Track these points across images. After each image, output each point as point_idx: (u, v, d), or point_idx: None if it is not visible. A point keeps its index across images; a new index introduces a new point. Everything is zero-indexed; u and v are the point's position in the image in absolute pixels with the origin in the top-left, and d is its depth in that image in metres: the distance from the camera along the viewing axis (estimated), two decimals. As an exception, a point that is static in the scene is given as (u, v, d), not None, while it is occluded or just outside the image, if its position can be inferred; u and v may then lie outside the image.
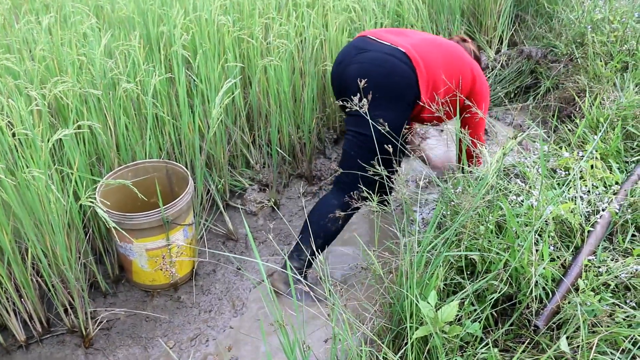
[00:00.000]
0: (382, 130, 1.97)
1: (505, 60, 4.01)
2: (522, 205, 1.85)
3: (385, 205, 1.97)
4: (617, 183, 2.13)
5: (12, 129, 2.10)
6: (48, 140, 2.04)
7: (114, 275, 2.43)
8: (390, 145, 1.88)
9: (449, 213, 1.96)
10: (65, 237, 2.07)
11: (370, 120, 1.95)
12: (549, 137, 3.13)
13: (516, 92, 3.91)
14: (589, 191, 2.00)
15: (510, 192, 1.86)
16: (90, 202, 1.90)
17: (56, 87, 2.25)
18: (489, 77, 3.94)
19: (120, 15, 3.11)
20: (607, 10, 3.57)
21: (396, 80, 2.12)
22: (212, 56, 2.65)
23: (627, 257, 1.76)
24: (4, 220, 1.93)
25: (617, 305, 1.57)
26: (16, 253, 2.01)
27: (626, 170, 2.31)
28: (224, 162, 2.71)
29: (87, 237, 2.27)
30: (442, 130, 3.59)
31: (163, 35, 2.93)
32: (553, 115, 3.47)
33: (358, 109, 1.78)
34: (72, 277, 2.08)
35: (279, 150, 2.92)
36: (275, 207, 2.82)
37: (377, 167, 1.85)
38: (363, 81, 1.93)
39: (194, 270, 2.46)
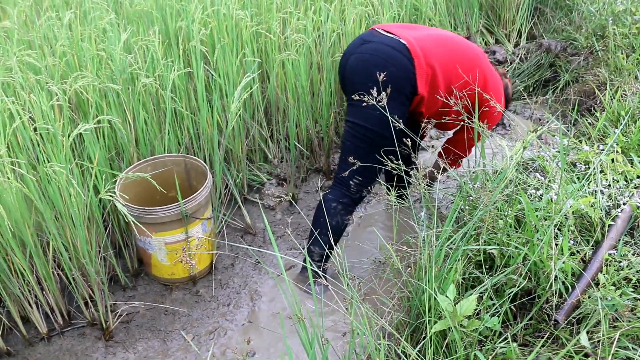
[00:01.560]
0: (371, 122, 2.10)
1: (524, 54, 3.97)
2: (541, 199, 1.84)
3: (404, 199, 1.96)
4: (638, 177, 2.10)
5: (33, 124, 2.13)
6: (69, 136, 2.07)
7: (133, 269, 2.45)
8: (387, 135, 1.94)
9: (467, 207, 1.95)
10: (86, 231, 2.10)
11: (368, 111, 2.03)
12: (568, 130, 3.10)
13: (535, 85, 3.87)
14: (609, 185, 1.98)
15: (529, 186, 1.85)
16: (110, 196, 1.91)
17: (76, 82, 2.28)
18: (508, 71, 3.90)
19: (138, 11, 3.13)
20: (629, 1, 3.52)
21: (392, 71, 2.09)
22: (230, 51, 2.66)
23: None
24: (26, 214, 1.96)
25: (639, 300, 1.55)
26: (38, 246, 2.04)
27: (648, 163, 2.28)
28: (242, 156, 2.73)
29: (107, 230, 2.30)
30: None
31: (181, 30, 2.95)
32: (573, 109, 3.43)
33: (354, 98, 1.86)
34: (92, 271, 2.11)
35: (297, 144, 2.92)
36: (293, 202, 2.83)
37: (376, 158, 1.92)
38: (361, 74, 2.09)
39: (213, 264, 2.48)
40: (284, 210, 2.81)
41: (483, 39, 4.26)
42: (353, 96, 1.99)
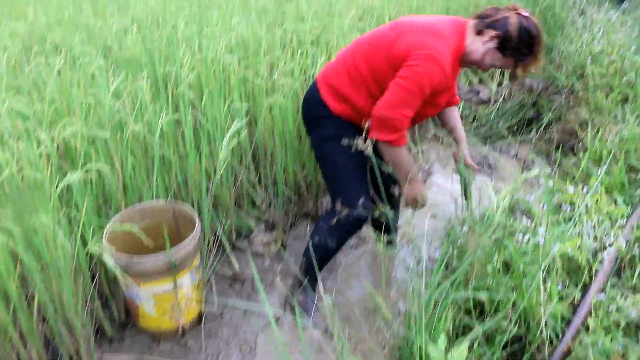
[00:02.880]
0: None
1: (507, 93, 4.04)
2: (528, 242, 1.85)
3: (392, 243, 1.97)
4: (622, 217, 2.13)
5: (21, 173, 2.12)
6: (57, 185, 2.06)
7: (120, 320, 2.42)
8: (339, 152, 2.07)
9: (455, 253, 1.95)
10: (72, 282, 2.07)
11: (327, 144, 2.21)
12: (552, 170, 3.15)
13: (519, 124, 3.93)
14: (594, 226, 2.00)
15: (516, 230, 1.87)
16: (98, 249, 1.90)
17: (65, 130, 2.28)
18: (491, 112, 3.97)
19: (127, 56, 3.16)
20: (605, 42, 3.62)
21: (307, 113, 2.33)
22: (218, 96, 2.69)
23: (637, 293, 1.75)
24: (10, 267, 1.94)
25: (629, 345, 1.56)
26: (22, 300, 2.00)
27: (631, 203, 2.31)
28: (230, 202, 2.73)
29: (94, 281, 2.27)
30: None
31: (169, 75, 2.98)
32: (556, 148, 3.49)
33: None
34: (79, 324, 2.08)
35: (285, 189, 2.93)
36: (282, 248, 2.82)
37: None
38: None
39: (201, 313, 2.45)
40: (272, 256, 2.80)
41: (467, 79, 4.34)
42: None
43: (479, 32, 1.98)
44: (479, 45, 1.98)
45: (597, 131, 2.81)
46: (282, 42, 3.24)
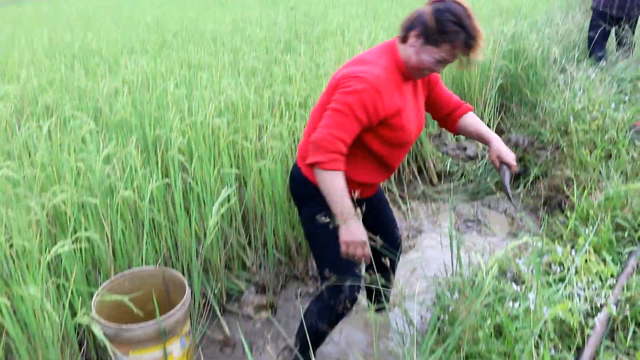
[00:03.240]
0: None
1: (494, 149, 4.10)
2: (519, 306, 1.85)
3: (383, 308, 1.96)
4: (612, 276, 2.14)
5: (9, 240, 2.11)
6: (46, 252, 2.05)
7: (108, 388, 2.37)
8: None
9: (446, 318, 1.95)
10: (59, 353, 2.04)
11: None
12: (541, 226, 3.18)
13: (506, 179, 3.98)
14: (584, 287, 2.01)
15: (507, 294, 1.87)
16: (88, 319, 1.88)
17: (55, 197, 2.29)
18: (479, 167, 4.02)
19: (117, 119, 3.20)
20: (586, 100, 3.71)
21: (293, 191, 2.27)
22: (207, 159, 2.72)
23: (630, 356, 1.75)
24: (-4, 338, 1.91)
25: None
26: (6, 371, 1.97)
27: (620, 261, 2.32)
28: (221, 265, 2.72)
29: (82, 350, 2.23)
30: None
31: (159, 138, 3.01)
32: (544, 204, 3.53)
33: None
34: (66, 396, 2.04)
35: (275, 251, 2.93)
36: (272, 310, 2.80)
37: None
38: None
39: (191, 378, 2.41)
40: (263, 319, 2.77)
41: (454, 135, 4.41)
42: None
43: (404, 39, 1.94)
44: (410, 50, 1.92)
45: (583, 189, 2.85)
46: (270, 105, 3.30)
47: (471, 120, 2.27)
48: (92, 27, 8.42)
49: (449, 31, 1.84)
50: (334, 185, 1.87)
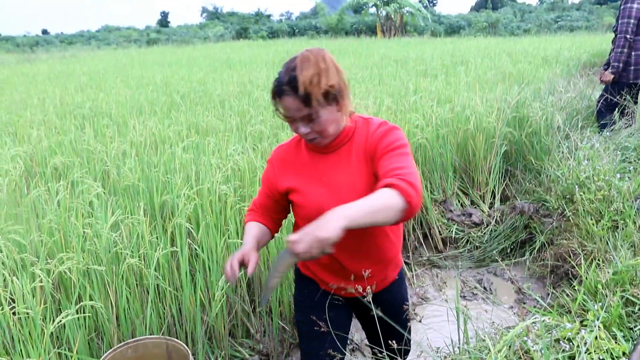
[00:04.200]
0: None
1: (499, 216, 4.11)
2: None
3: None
4: (624, 354, 2.10)
5: (13, 307, 2.10)
6: (50, 319, 2.04)
7: None
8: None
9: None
10: None
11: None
12: (548, 295, 3.14)
13: (512, 247, 3.97)
14: (595, 367, 1.97)
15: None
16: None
17: (62, 264, 2.29)
18: (484, 234, 4.02)
19: (125, 184, 3.24)
20: (590, 169, 3.74)
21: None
22: (214, 227, 2.73)
23: None
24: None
25: None
26: None
27: (631, 338, 2.29)
28: (225, 333, 2.69)
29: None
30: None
31: (166, 204, 3.03)
32: (551, 272, 3.50)
33: None
34: None
35: (279, 319, 2.90)
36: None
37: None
38: None
39: None
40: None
41: (459, 201, 4.43)
42: None
43: None
44: None
45: (591, 262, 2.84)
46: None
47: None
48: (102, 87, 8.61)
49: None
50: (244, 233, 1.95)
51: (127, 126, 4.98)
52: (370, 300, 1.69)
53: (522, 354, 2.03)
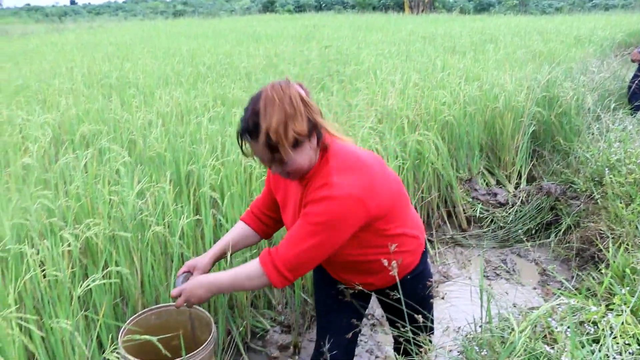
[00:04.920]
0: None
1: (525, 196, 4.06)
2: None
3: None
4: (649, 339, 2.07)
5: (43, 269, 2.14)
6: (77, 283, 2.08)
7: (129, 423, 2.35)
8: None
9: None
10: (84, 386, 2.05)
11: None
12: (572, 278, 3.11)
13: (537, 228, 3.92)
14: (620, 352, 1.94)
15: (538, 354, 1.82)
16: (115, 357, 1.88)
17: (89, 230, 2.32)
18: (509, 214, 3.98)
19: (151, 153, 3.26)
20: (622, 151, 3.65)
21: None
22: (239, 197, 2.73)
23: None
24: (25, 368, 1.92)
25: None
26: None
27: (658, 323, 2.25)
28: (247, 303, 2.71)
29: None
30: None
31: (192, 173, 3.04)
32: (576, 255, 3.46)
33: None
34: None
35: (301, 291, 2.91)
36: (296, 350, 2.77)
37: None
38: None
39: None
40: (287, 359, 2.74)
41: (484, 180, 4.38)
42: None
43: None
44: None
45: (619, 245, 2.79)
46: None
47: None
48: (129, 57, 8.64)
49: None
50: None
51: (154, 96, 5.00)
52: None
53: (547, 334, 2.01)
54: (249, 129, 1.57)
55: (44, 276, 2.11)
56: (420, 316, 1.81)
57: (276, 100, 1.53)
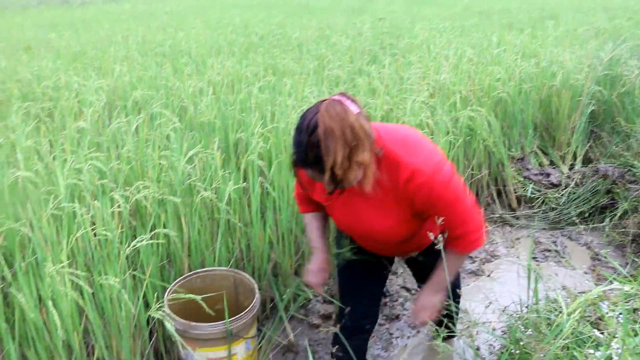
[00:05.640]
0: None
1: (580, 178, 3.92)
2: (601, 354, 1.74)
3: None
4: None
5: (94, 228, 2.20)
6: (126, 243, 2.13)
7: (172, 380, 2.43)
8: None
9: (517, 352, 1.86)
10: (131, 340, 2.11)
11: None
12: (627, 265, 3.00)
13: (591, 211, 3.78)
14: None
15: (587, 339, 1.76)
16: (161, 314, 1.92)
17: (138, 192, 2.37)
18: (561, 196, 3.85)
19: (201, 120, 3.29)
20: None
21: None
22: (286, 166, 2.73)
23: None
24: (76, 321, 1.99)
25: None
26: (83, 353, 2.05)
27: None
28: (291, 271, 2.73)
29: (151, 339, 2.29)
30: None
31: (241, 142, 3.06)
32: (632, 240, 3.33)
33: None
34: (133, 383, 2.11)
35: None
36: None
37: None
38: None
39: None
40: (329, 328, 2.75)
41: (537, 160, 4.25)
42: None
43: None
44: None
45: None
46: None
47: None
48: (183, 26, 8.72)
49: None
50: (305, 223, 2.17)
51: (206, 65, 5.04)
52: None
53: (596, 320, 1.95)
54: (309, 161, 1.51)
55: (95, 235, 2.17)
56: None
57: (336, 132, 1.44)
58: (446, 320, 1.87)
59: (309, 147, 1.48)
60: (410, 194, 1.65)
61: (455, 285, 2.16)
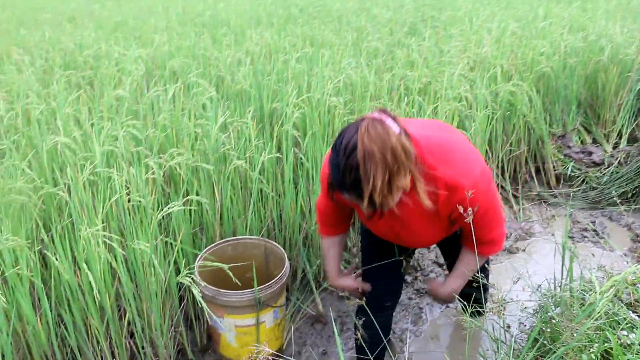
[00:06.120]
0: None
1: (624, 157, 3.79)
2: (635, 336, 1.69)
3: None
4: None
5: (128, 194, 2.24)
6: (159, 209, 2.16)
7: (201, 345, 2.47)
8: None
9: (548, 330, 1.82)
10: (161, 305, 2.15)
11: None
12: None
13: (634, 192, 3.66)
14: None
15: (621, 321, 1.71)
16: (189, 281, 1.95)
17: (172, 159, 2.39)
18: (603, 175, 3.74)
19: (237, 89, 3.29)
20: None
21: None
22: (320, 137, 2.72)
23: None
24: (109, 283, 2.04)
25: None
26: (115, 314, 2.10)
27: None
28: (321, 243, 2.73)
29: (181, 305, 2.34)
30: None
31: (275, 111, 3.06)
32: (676, 223, 3.22)
33: None
34: (162, 345, 2.15)
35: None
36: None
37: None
38: None
39: (281, 348, 2.45)
40: (357, 300, 2.76)
41: (580, 138, 4.13)
42: None
43: None
44: None
45: None
46: (389, 88, 3.24)
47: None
48: (224, -3, 8.72)
49: None
50: (322, 249, 2.20)
51: (244, 36, 5.04)
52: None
53: (632, 302, 1.89)
54: (347, 185, 1.44)
55: (129, 200, 2.21)
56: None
57: (376, 154, 1.37)
58: (474, 294, 1.85)
59: (347, 171, 1.41)
60: (451, 205, 1.63)
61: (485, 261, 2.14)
